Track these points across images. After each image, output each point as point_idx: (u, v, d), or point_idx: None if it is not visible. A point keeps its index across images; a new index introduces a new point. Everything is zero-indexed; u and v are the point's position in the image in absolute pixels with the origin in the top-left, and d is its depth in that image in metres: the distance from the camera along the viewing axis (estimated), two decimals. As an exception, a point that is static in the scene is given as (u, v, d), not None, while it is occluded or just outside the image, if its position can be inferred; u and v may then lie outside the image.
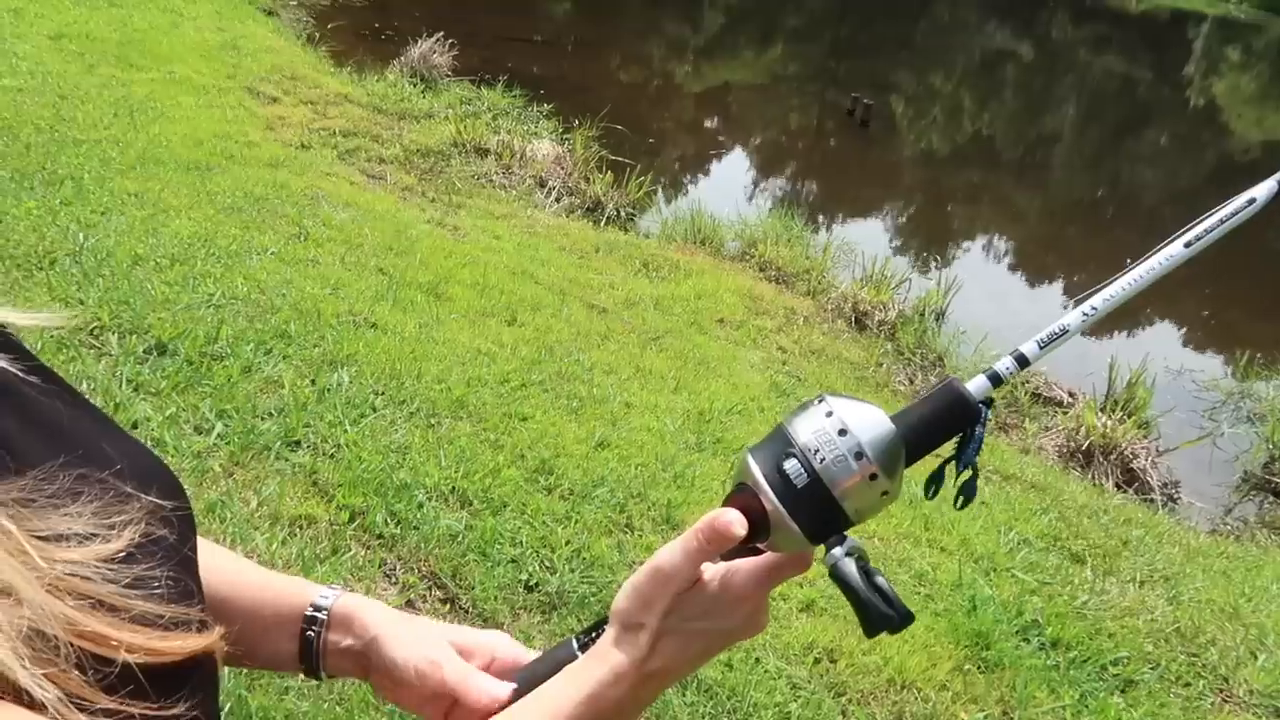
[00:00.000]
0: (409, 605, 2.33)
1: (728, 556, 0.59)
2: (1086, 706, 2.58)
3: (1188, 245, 0.63)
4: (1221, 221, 0.62)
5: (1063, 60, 26.85)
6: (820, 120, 13.33)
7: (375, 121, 7.30)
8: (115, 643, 0.40)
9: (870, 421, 0.56)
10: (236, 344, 3.23)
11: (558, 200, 6.75)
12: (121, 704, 0.40)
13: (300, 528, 2.45)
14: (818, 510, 0.55)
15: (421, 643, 0.67)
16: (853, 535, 0.58)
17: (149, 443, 2.57)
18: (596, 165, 7.29)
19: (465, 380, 3.44)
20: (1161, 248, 0.63)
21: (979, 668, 2.62)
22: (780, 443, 0.57)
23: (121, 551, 0.43)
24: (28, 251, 3.58)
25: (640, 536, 2.78)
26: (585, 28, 15.71)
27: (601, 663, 0.56)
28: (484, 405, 3.30)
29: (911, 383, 4.95)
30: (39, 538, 0.41)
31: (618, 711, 0.56)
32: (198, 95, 6.72)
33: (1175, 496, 4.62)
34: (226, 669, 1.12)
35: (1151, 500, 4.43)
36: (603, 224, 6.50)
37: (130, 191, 4.57)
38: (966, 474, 0.64)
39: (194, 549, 0.52)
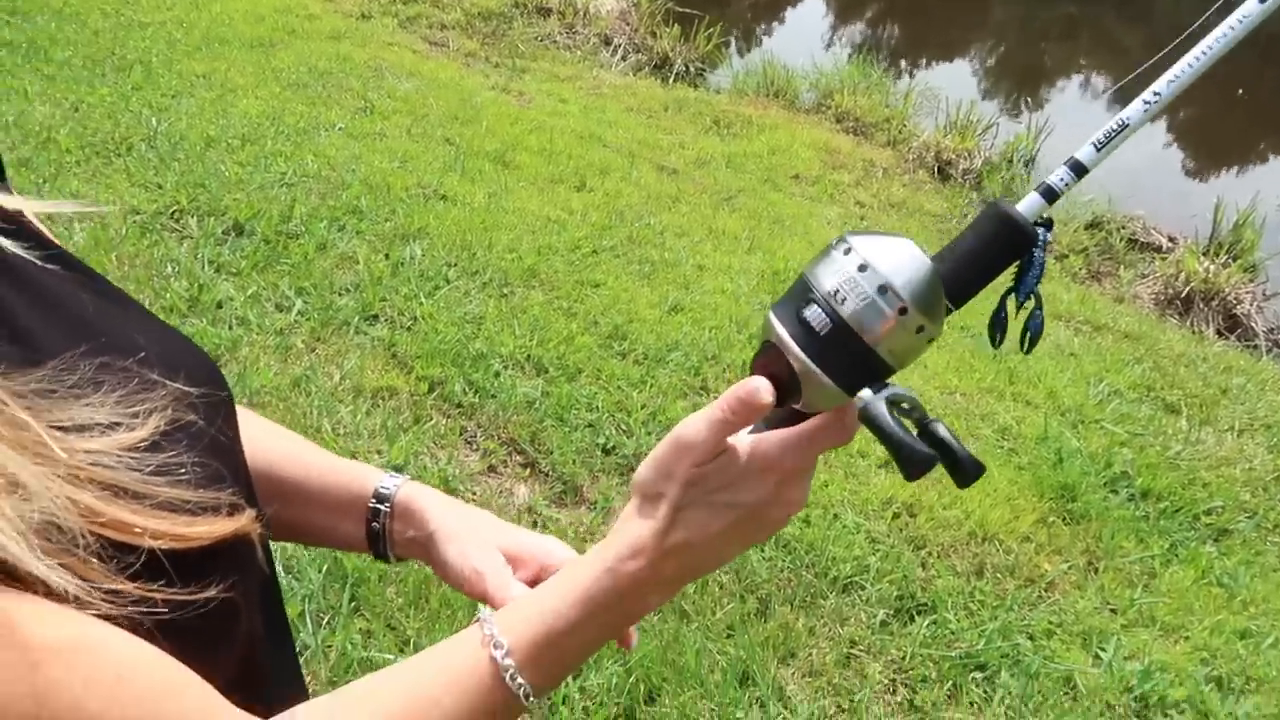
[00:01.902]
0: (491, 470, 2.40)
1: (772, 426, 0.55)
2: (1176, 555, 2.54)
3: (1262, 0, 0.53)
4: None
5: None
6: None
7: (435, -15, 7.10)
8: (139, 530, 0.40)
9: (896, 254, 0.50)
10: (310, 221, 3.26)
11: (624, 59, 6.52)
12: (147, 590, 0.40)
13: (383, 399, 2.51)
14: (847, 357, 0.50)
15: (470, 549, 0.66)
16: (900, 384, 0.53)
17: (233, 322, 2.65)
18: (663, 19, 6.99)
19: (536, 249, 3.42)
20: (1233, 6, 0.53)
21: (1064, 520, 2.59)
22: (801, 292, 0.51)
23: (146, 439, 0.42)
24: (105, 139, 3.64)
25: (715, 396, 2.78)
26: None
27: (620, 533, 0.53)
28: (556, 273, 3.29)
29: (998, 233, 4.75)
30: (59, 428, 0.40)
31: (636, 586, 0.52)
32: (256, -32, 6.62)
33: (1281, 342, 4.40)
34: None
35: (1255, 347, 4.22)
36: (671, 81, 6.28)
37: (198, 73, 4.58)
38: (1029, 305, 0.57)
39: (228, 433, 0.51)
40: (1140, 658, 2.18)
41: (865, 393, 0.50)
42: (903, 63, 8.42)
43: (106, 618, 0.39)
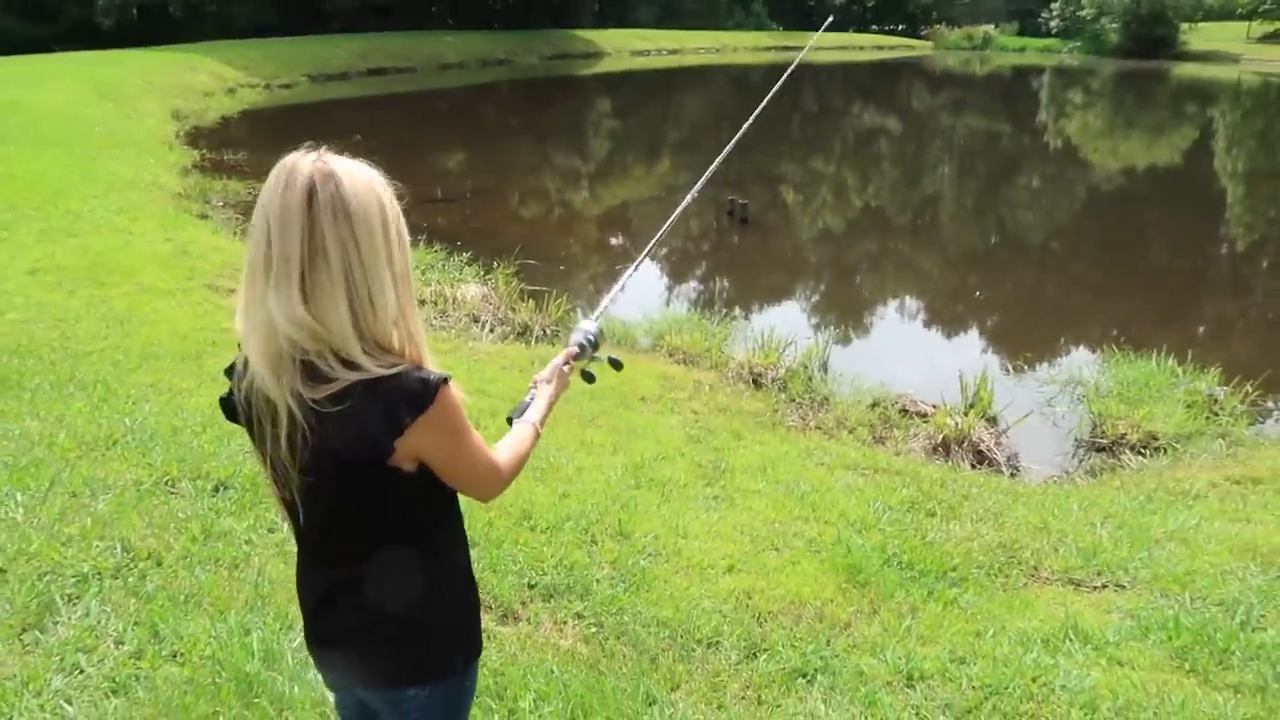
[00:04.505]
0: (450, 612, 3.34)
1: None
2: (931, 597, 3.68)
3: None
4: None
5: (928, 127, 29.36)
6: (717, 221, 14.74)
7: (323, 293, 8.39)
8: None
9: (595, 325, 1.96)
10: (277, 473, 4.24)
11: (491, 331, 7.90)
12: None
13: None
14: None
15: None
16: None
17: (241, 543, 3.58)
18: (519, 296, 8.50)
19: (452, 470, 4.48)
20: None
21: (854, 586, 3.71)
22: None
23: None
24: (94, 437, 4.57)
25: (602, 545, 3.85)
26: (480, 175, 17.15)
27: (537, 391, 1.83)
28: (471, 484, 4.34)
29: (803, 420, 6.11)
30: None
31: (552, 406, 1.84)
32: (167, 299, 7.75)
33: (1018, 466, 5.81)
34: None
35: (999, 472, 5.61)
36: (533, 343, 7.65)
37: (147, 383, 5.58)
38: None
39: None
40: (908, 656, 3.26)
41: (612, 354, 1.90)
42: (737, 307, 10.12)
43: None
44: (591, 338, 2.11)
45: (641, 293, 10.52)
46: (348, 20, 40.17)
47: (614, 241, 13.77)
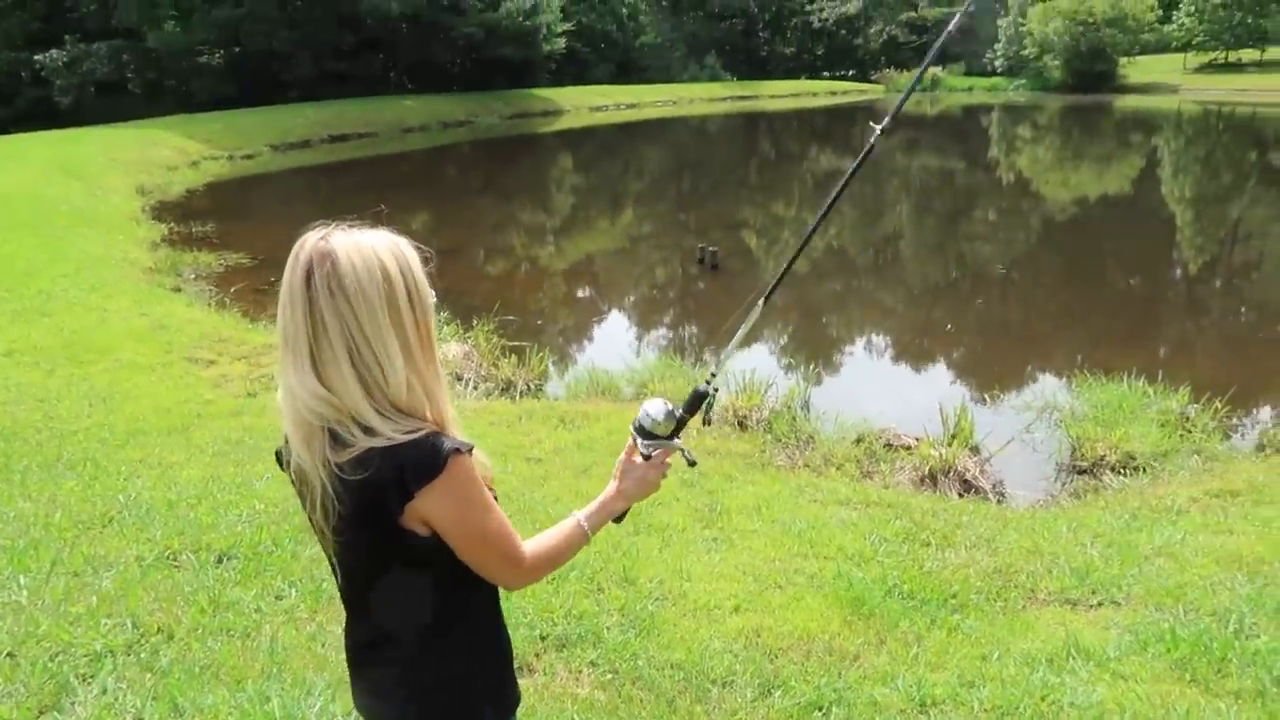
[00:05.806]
0: (465, 667, 3.37)
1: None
2: (934, 624, 3.75)
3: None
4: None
5: (884, 167, 30.02)
6: (684, 268, 14.95)
7: (304, 360, 8.40)
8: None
9: (651, 405, 1.81)
10: (278, 540, 4.26)
11: (475, 388, 7.95)
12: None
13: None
14: (646, 437, 1.80)
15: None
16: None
17: (251, 612, 3.59)
18: (501, 352, 8.57)
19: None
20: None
21: (859, 618, 3.78)
22: (638, 420, 1.82)
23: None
24: (90, 515, 4.56)
25: (608, 592, 3.89)
26: (446, 235, 17.22)
27: (608, 487, 1.78)
28: (472, 540, 4.38)
29: (791, 459, 6.21)
30: None
31: (611, 502, 1.80)
32: (147, 373, 7.74)
33: (1004, 493, 5.93)
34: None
35: (987, 499, 5.73)
36: (518, 398, 7.71)
37: (136, 459, 5.57)
38: (710, 416, 1.88)
39: None
40: (918, 683, 3.32)
41: (649, 444, 1.79)
42: (706, 355, 10.24)
43: None
44: (635, 423, 1.85)
45: (620, 343, 10.65)
46: (306, 88, 40.49)
47: (583, 295, 13.90)
